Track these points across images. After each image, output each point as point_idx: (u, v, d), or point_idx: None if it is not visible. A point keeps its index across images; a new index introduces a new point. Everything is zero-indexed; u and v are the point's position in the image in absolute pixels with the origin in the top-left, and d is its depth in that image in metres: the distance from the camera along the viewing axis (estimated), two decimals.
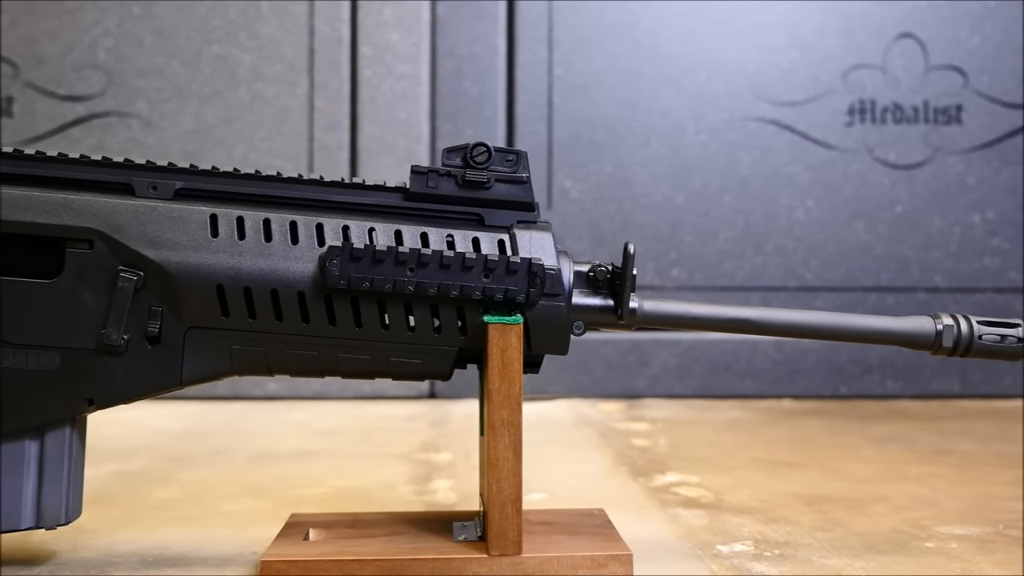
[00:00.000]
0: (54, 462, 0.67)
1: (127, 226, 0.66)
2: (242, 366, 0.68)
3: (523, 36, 1.60)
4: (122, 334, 0.65)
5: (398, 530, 0.71)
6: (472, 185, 0.69)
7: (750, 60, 1.62)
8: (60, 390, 0.66)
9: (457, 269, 0.66)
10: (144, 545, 0.76)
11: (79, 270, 0.65)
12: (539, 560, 0.65)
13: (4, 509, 0.67)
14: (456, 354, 0.68)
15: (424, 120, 1.60)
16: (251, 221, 0.67)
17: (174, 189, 0.68)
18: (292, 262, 0.66)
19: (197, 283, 0.66)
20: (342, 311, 0.67)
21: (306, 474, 1.03)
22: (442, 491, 0.95)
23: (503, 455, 0.65)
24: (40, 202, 0.66)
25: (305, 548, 0.66)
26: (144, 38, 1.58)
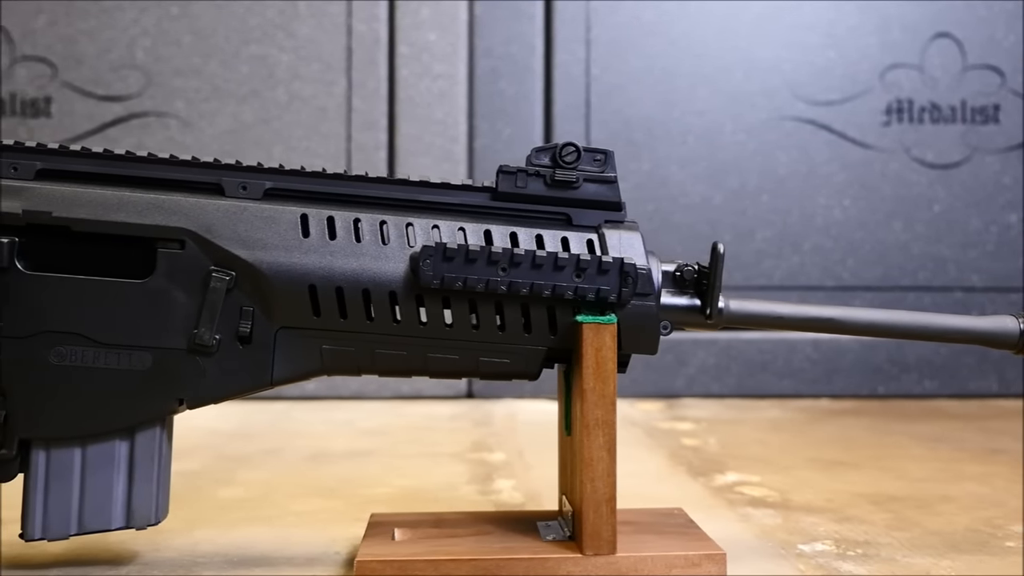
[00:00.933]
0: (144, 462, 0.67)
1: (219, 226, 0.66)
2: (332, 366, 0.68)
3: (560, 36, 1.60)
4: (214, 334, 0.65)
5: (483, 530, 0.71)
6: (561, 185, 0.69)
7: (787, 59, 1.62)
8: (152, 390, 0.66)
9: (549, 269, 0.66)
10: (224, 545, 0.76)
11: (170, 270, 0.65)
12: (633, 560, 0.65)
13: (93, 509, 0.67)
14: (545, 354, 0.68)
15: (461, 120, 1.60)
16: (341, 221, 0.67)
17: (263, 189, 0.68)
18: (383, 262, 0.66)
19: (290, 283, 0.66)
20: (433, 311, 0.67)
21: (365, 474, 1.03)
22: (506, 491, 0.95)
23: (597, 454, 0.65)
24: (131, 202, 0.66)
25: (397, 548, 0.66)
26: (182, 38, 1.58)
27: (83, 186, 0.66)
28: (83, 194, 0.66)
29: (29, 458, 0.66)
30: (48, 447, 0.66)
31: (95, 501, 0.67)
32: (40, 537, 0.66)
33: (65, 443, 0.66)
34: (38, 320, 0.65)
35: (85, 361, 0.65)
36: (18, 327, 0.65)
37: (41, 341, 0.65)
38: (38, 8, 1.57)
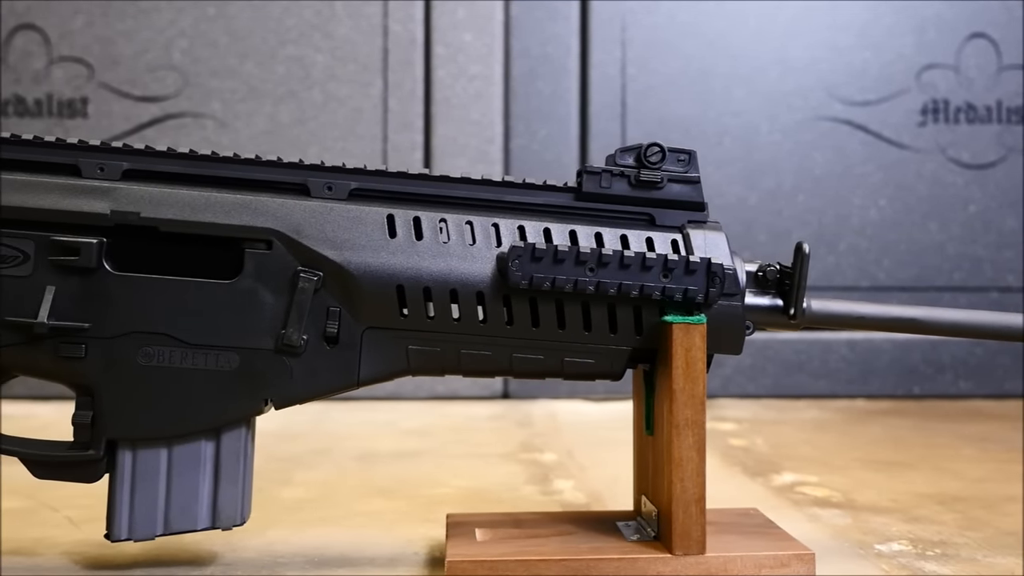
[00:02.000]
0: (230, 462, 0.67)
1: (306, 226, 0.66)
2: (417, 366, 0.68)
3: (596, 36, 1.60)
4: (302, 334, 0.65)
5: (564, 530, 0.71)
6: (645, 185, 0.69)
7: (823, 60, 1.62)
8: (238, 390, 0.66)
9: (637, 269, 0.66)
10: (299, 545, 0.76)
11: (258, 271, 0.65)
12: (723, 559, 0.65)
13: (179, 509, 0.67)
14: (630, 354, 0.68)
15: (497, 120, 1.60)
16: (427, 221, 0.67)
17: (349, 189, 0.68)
18: (470, 262, 0.66)
19: (378, 284, 0.66)
20: (520, 311, 0.67)
21: (420, 474, 1.03)
22: (568, 491, 0.95)
23: (687, 454, 0.65)
24: (218, 203, 0.66)
25: (485, 548, 0.66)
26: (219, 39, 1.58)
27: (169, 186, 0.66)
28: (170, 194, 0.66)
29: (115, 459, 0.66)
30: (134, 448, 0.66)
31: (181, 502, 0.67)
32: (126, 538, 0.66)
33: (152, 444, 0.66)
34: (126, 321, 0.65)
35: (172, 362, 0.65)
36: (106, 328, 0.65)
37: (129, 342, 0.65)
38: (75, 9, 1.57)
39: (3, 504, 0.89)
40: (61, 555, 0.73)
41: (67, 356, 0.64)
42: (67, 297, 0.64)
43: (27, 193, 0.65)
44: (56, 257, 0.64)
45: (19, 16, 1.56)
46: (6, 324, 0.64)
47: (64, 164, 0.66)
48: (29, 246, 0.64)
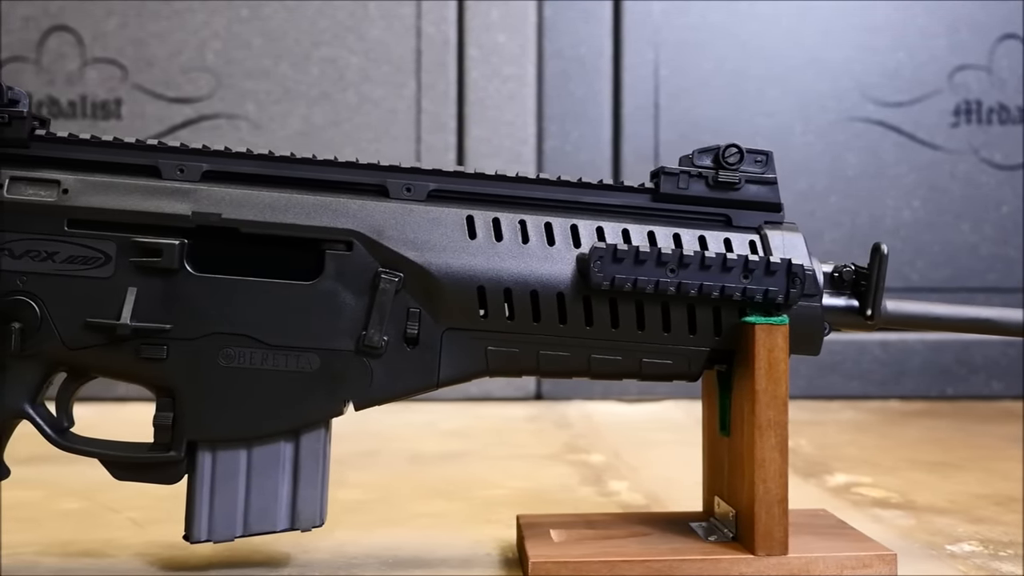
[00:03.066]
0: (309, 464, 0.67)
1: (387, 228, 0.66)
2: (496, 367, 0.67)
3: (629, 38, 1.60)
4: (383, 335, 0.65)
5: (639, 531, 0.71)
6: (723, 186, 0.69)
7: (855, 61, 1.62)
8: (319, 392, 0.66)
9: (717, 270, 0.66)
10: (369, 547, 0.76)
11: (339, 272, 0.65)
12: (805, 560, 0.65)
13: (259, 511, 0.67)
14: (708, 355, 0.68)
15: (531, 122, 1.60)
16: (507, 222, 0.67)
17: (427, 191, 0.68)
18: (550, 263, 0.66)
19: (459, 285, 0.66)
20: (600, 312, 0.67)
21: (472, 475, 1.03)
22: (625, 492, 0.95)
23: (770, 455, 0.65)
24: (298, 204, 0.66)
25: (566, 549, 0.66)
26: (252, 40, 1.58)
27: (249, 188, 0.66)
28: (250, 196, 0.66)
29: (195, 460, 0.66)
30: (214, 449, 0.66)
31: (261, 503, 0.67)
32: (206, 539, 0.66)
33: (232, 445, 0.66)
34: (207, 322, 0.65)
35: (253, 363, 0.65)
36: (188, 329, 0.65)
37: (210, 343, 0.65)
38: (109, 10, 1.57)
39: (63, 506, 0.89)
40: (134, 556, 0.73)
41: (149, 357, 0.64)
42: (148, 298, 0.64)
43: (108, 194, 0.65)
44: (138, 259, 0.64)
45: (53, 17, 1.56)
46: (87, 325, 0.64)
47: (144, 165, 0.66)
48: (110, 247, 0.64)
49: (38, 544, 0.76)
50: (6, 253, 0.64)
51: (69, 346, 0.64)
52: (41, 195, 0.64)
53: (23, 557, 0.73)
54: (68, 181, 0.65)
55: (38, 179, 0.65)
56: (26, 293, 0.64)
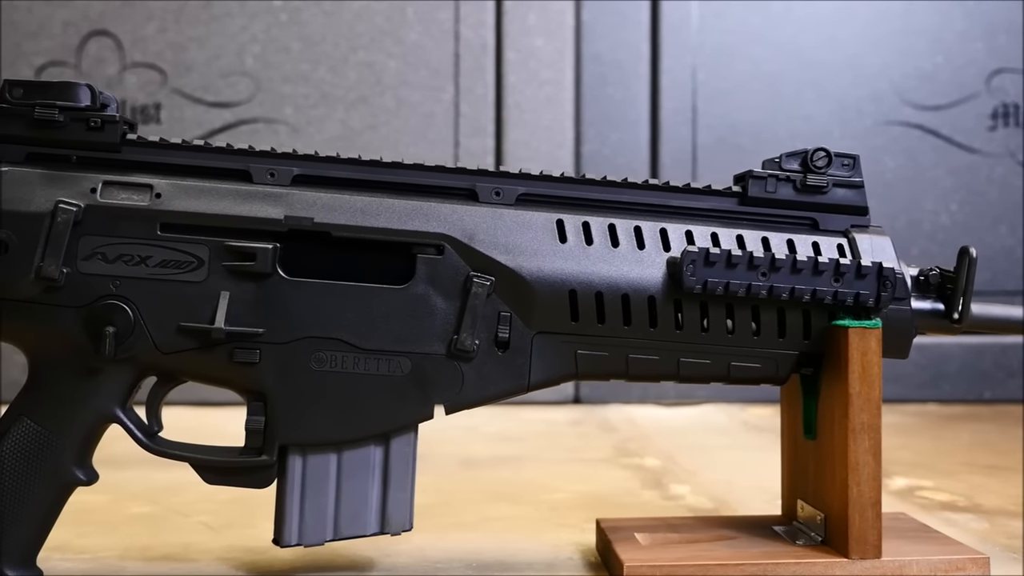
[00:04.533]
0: (399, 467, 0.67)
1: (478, 232, 0.66)
2: (585, 371, 0.67)
3: (667, 41, 1.60)
4: (475, 339, 0.65)
5: (723, 535, 0.71)
6: (811, 190, 0.69)
7: (893, 64, 1.62)
8: (410, 396, 0.66)
9: (808, 273, 0.66)
10: (448, 550, 0.76)
11: (430, 276, 0.65)
12: (898, 563, 0.65)
13: (349, 515, 0.67)
14: (796, 358, 0.68)
15: (568, 125, 1.60)
16: (597, 226, 0.67)
17: (516, 194, 0.68)
18: (640, 267, 0.66)
19: (551, 289, 0.66)
20: (690, 315, 0.67)
21: (531, 479, 1.03)
22: (689, 496, 0.95)
23: (863, 459, 0.65)
24: (390, 208, 0.66)
25: (657, 553, 0.66)
26: (291, 44, 1.58)
27: (339, 192, 0.66)
28: (342, 200, 0.66)
29: (285, 464, 0.66)
30: (304, 453, 0.66)
31: (351, 507, 0.67)
32: (296, 543, 0.66)
33: (322, 449, 0.66)
34: (299, 326, 0.65)
35: (345, 367, 0.65)
36: (280, 333, 0.65)
37: (302, 347, 0.65)
38: (148, 15, 1.57)
39: (131, 510, 0.89)
40: (217, 561, 0.73)
41: (242, 361, 0.64)
42: (241, 302, 0.64)
43: (200, 199, 0.65)
44: (231, 263, 0.64)
45: (93, 22, 1.57)
46: (180, 330, 0.64)
47: (235, 170, 0.66)
48: (203, 251, 0.64)
49: (117, 548, 0.76)
50: (99, 257, 0.64)
51: (162, 350, 0.64)
52: (134, 199, 0.64)
53: (107, 561, 0.73)
54: (160, 185, 0.65)
55: (131, 183, 0.65)
56: (119, 297, 0.64)
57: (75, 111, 0.65)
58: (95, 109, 0.66)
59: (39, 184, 0.64)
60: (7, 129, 0.65)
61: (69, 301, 0.63)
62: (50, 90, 0.66)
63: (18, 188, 0.64)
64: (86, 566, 0.72)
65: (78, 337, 0.63)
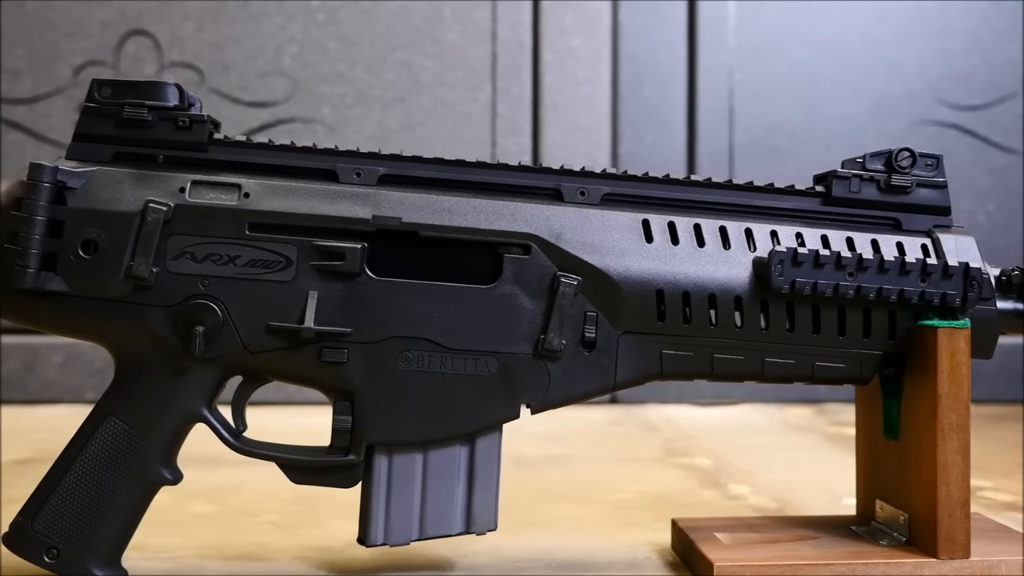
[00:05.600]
0: (485, 467, 0.67)
1: (565, 232, 0.66)
2: (669, 370, 0.67)
3: (704, 41, 1.60)
4: (562, 339, 0.65)
5: (804, 534, 0.71)
6: (894, 190, 0.69)
7: (930, 64, 1.62)
8: (497, 395, 0.66)
9: (895, 273, 0.66)
10: (523, 550, 0.76)
11: (517, 276, 0.65)
12: (988, 563, 0.65)
13: (435, 514, 0.67)
14: (881, 359, 0.68)
15: (605, 125, 1.60)
16: (682, 226, 0.67)
17: (601, 194, 0.68)
18: (727, 267, 0.66)
19: (638, 288, 0.66)
20: (776, 315, 0.67)
21: (586, 478, 1.03)
22: (750, 495, 0.95)
23: (952, 459, 0.65)
24: (477, 208, 0.66)
25: (745, 552, 0.66)
26: (328, 44, 1.58)
27: (425, 192, 0.66)
28: (429, 200, 0.66)
29: (371, 463, 0.66)
30: (390, 453, 0.66)
31: (437, 507, 0.67)
32: (382, 542, 0.66)
33: (408, 449, 0.66)
34: (387, 325, 0.65)
35: (432, 366, 0.65)
36: (368, 332, 0.65)
37: (390, 346, 0.65)
38: (186, 15, 1.57)
39: (195, 509, 0.89)
40: (295, 560, 0.73)
41: (330, 361, 0.64)
42: (329, 302, 0.64)
43: (288, 198, 0.65)
44: (319, 262, 0.64)
45: (131, 22, 1.57)
46: (269, 329, 0.64)
47: (321, 169, 0.66)
48: (291, 251, 0.64)
49: (191, 547, 0.76)
50: (188, 257, 0.64)
51: (250, 350, 0.64)
52: (223, 199, 0.64)
53: (185, 560, 0.73)
54: (249, 185, 0.65)
55: (219, 183, 0.65)
56: (208, 296, 0.64)
57: (163, 110, 0.66)
58: (183, 108, 0.66)
59: (128, 184, 0.64)
60: (95, 128, 0.65)
61: (158, 301, 0.63)
62: (138, 89, 0.66)
63: (107, 188, 0.64)
64: (167, 566, 0.72)
65: (167, 336, 0.63)
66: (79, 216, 0.63)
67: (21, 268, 0.62)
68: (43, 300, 0.63)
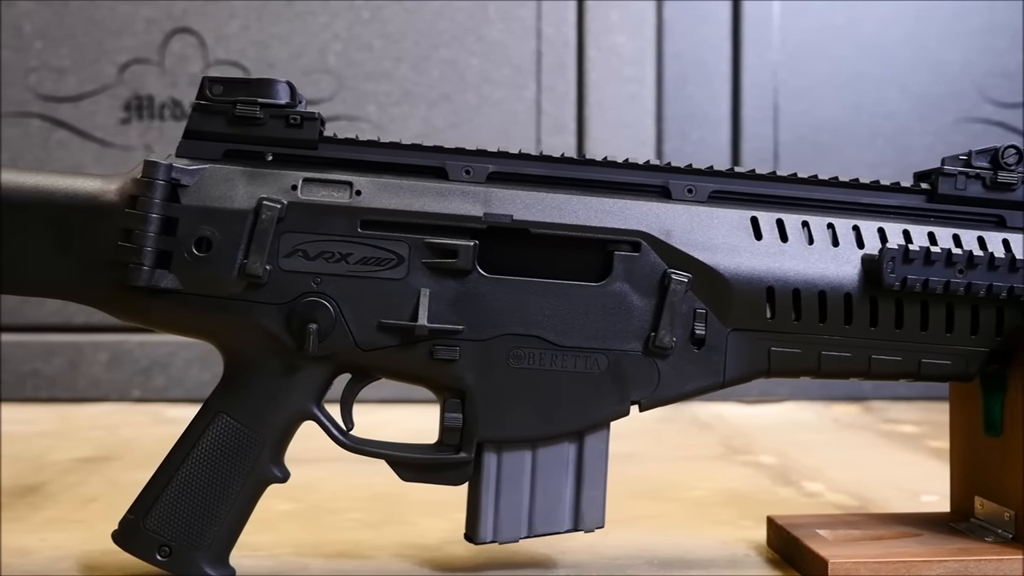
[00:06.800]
0: (593, 464, 0.67)
1: (675, 229, 0.66)
2: (777, 368, 0.67)
3: (748, 39, 1.60)
4: (673, 336, 0.65)
5: (907, 531, 0.71)
6: (1000, 187, 0.69)
7: (975, 62, 1.62)
8: (606, 393, 0.66)
9: (1005, 270, 0.66)
10: (620, 547, 0.76)
11: (627, 273, 0.65)
12: None
13: (544, 512, 0.67)
14: (987, 356, 0.68)
15: (650, 123, 1.60)
16: (791, 223, 0.67)
17: (708, 192, 0.68)
18: (836, 264, 0.67)
19: (748, 286, 0.66)
20: (885, 312, 0.67)
21: (656, 476, 1.03)
22: (827, 493, 0.95)
23: None
24: (586, 205, 0.66)
25: (858, 549, 0.66)
26: (373, 42, 1.58)
27: (535, 189, 0.66)
28: (539, 197, 0.66)
29: (480, 461, 0.66)
30: (499, 450, 0.66)
31: (545, 504, 0.67)
32: (491, 540, 0.67)
33: (517, 446, 0.66)
34: (499, 323, 0.65)
35: (543, 364, 0.65)
36: (479, 330, 0.65)
37: (501, 344, 0.65)
38: (231, 13, 1.57)
39: (278, 507, 0.89)
40: (396, 557, 0.73)
41: (443, 359, 0.64)
42: (441, 299, 0.64)
43: (400, 196, 0.65)
44: (431, 260, 0.64)
45: (176, 20, 1.56)
46: (381, 327, 0.64)
47: (430, 167, 0.66)
48: (403, 249, 0.64)
49: (286, 545, 0.76)
50: (300, 254, 0.64)
51: (362, 347, 0.64)
52: (334, 196, 0.64)
53: (285, 558, 0.73)
54: (360, 183, 0.65)
55: (331, 180, 0.65)
56: (320, 294, 0.64)
57: (275, 108, 0.66)
58: (293, 106, 0.66)
59: (241, 181, 0.64)
60: (206, 126, 0.66)
61: (271, 298, 0.63)
62: (250, 87, 0.66)
63: (220, 185, 0.64)
64: (269, 564, 0.72)
65: (280, 334, 0.64)
66: (193, 214, 0.63)
67: (136, 266, 0.62)
68: (157, 298, 0.63)
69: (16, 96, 1.56)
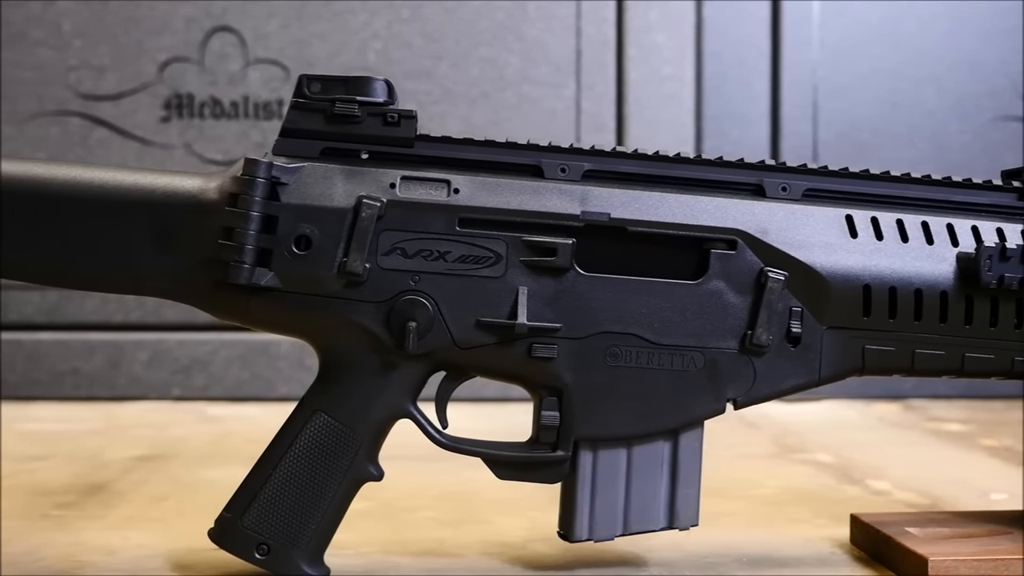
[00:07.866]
0: (688, 463, 0.68)
1: (771, 227, 0.66)
2: (871, 366, 0.68)
3: (787, 38, 1.60)
4: (770, 335, 0.65)
5: (994, 529, 0.71)
6: None
7: (1012, 60, 1.62)
8: (702, 391, 0.66)
9: None
10: (703, 544, 0.75)
11: (723, 271, 0.66)
12: None
13: (639, 510, 0.67)
14: None
15: (689, 122, 1.60)
16: (885, 221, 0.68)
17: (802, 190, 0.68)
18: (931, 262, 0.67)
19: (844, 284, 0.66)
20: (980, 311, 0.67)
21: (720, 474, 1.01)
22: (895, 492, 0.95)
23: None
24: (682, 203, 0.66)
25: (954, 547, 0.66)
26: (413, 41, 1.58)
27: (630, 187, 0.66)
28: (635, 195, 0.66)
29: (576, 459, 0.66)
30: (595, 448, 0.66)
31: (640, 502, 0.67)
32: (587, 538, 0.67)
33: (612, 444, 0.66)
34: (596, 321, 0.65)
35: (640, 362, 0.65)
36: (577, 328, 0.65)
37: (598, 342, 0.65)
38: (271, 12, 1.57)
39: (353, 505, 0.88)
40: (483, 556, 0.73)
41: (541, 357, 0.64)
42: (539, 298, 0.64)
43: (497, 194, 0.65)
44: (530, 258, 0.64)
45: (216, 19, 1.56)
46: (480, 325, 0.64)
47: (526, 165, 0.66)
48: (501, 247, 0.64)
49: (370, 543, 0.76)
50: (399, 252, 0.64)
51: (460, 346, 0.64)
52: (432, 195, 0.64)
53: (372, 556, 0.73)
54: (458, 181, 0.65)
55: (428, 179, 0.65)
56: (419, 292, 0.64)
57: (373, 106, 0.66)
58: (391, 103, 0.66)
59: (340, 179, 0.64)
60: (304, 124, 0.66)
61: (370, 296, 0.63)
62: (348, 85, 0.66)
63: (320, 183, 0.64)
64: (359, 562, 0.72)
65: (379, 332, 0.64)
66: (292, 212, 0.63)
67: (237, 264, 0.62)
68: (256, 296, 0.63)
69: (56, 95, 1.56)
